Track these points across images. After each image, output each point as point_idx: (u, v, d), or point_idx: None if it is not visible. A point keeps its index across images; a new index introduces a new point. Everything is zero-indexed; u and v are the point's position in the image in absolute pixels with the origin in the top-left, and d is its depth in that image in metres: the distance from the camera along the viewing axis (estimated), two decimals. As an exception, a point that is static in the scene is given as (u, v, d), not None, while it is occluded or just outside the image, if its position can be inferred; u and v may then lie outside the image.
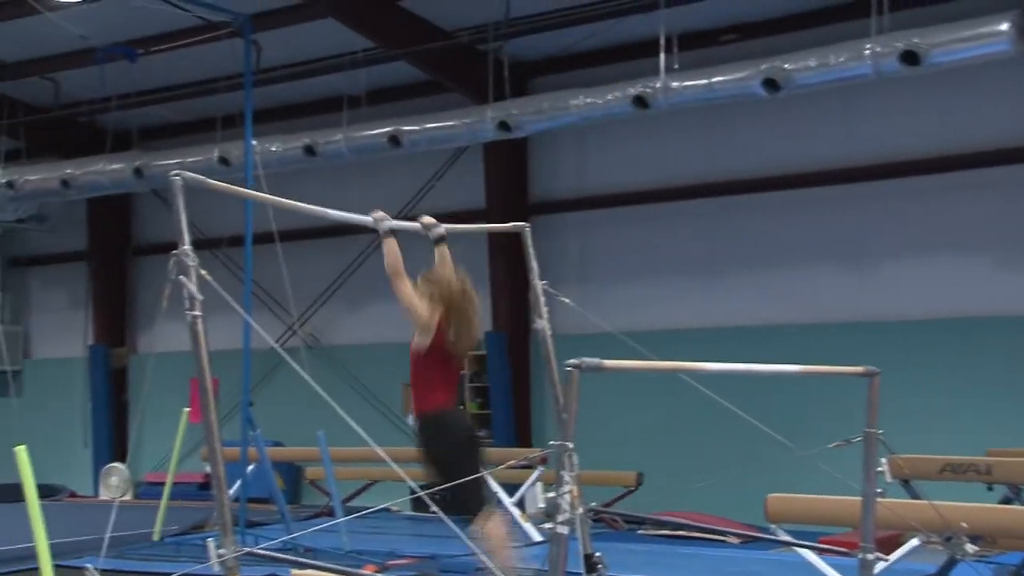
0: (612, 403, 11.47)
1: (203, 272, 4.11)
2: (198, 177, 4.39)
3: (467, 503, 5.66)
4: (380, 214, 5.35)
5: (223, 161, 12.95)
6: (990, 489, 7.60)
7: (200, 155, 13.26)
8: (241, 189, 5.64)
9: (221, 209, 12.39)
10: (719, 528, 8.76)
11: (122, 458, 15.26)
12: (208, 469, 11.70)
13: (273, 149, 12.77)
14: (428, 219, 5.62)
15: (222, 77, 12.66)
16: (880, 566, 5.42)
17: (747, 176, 11.77)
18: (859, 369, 5.20)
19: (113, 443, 15.58)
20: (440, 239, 5.78)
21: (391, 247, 5.41)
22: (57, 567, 6.38)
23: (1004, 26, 9.07)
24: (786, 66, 10.03)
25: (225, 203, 12.18)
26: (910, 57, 9.40)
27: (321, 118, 13.35)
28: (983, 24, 9.22)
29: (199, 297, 4.07)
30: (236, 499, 9.16)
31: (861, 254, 11.27)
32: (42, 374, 16.52)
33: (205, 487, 13.44)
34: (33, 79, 14.13)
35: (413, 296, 5.50)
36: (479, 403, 13.14)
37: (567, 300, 6.25)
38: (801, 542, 6.53)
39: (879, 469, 5.30)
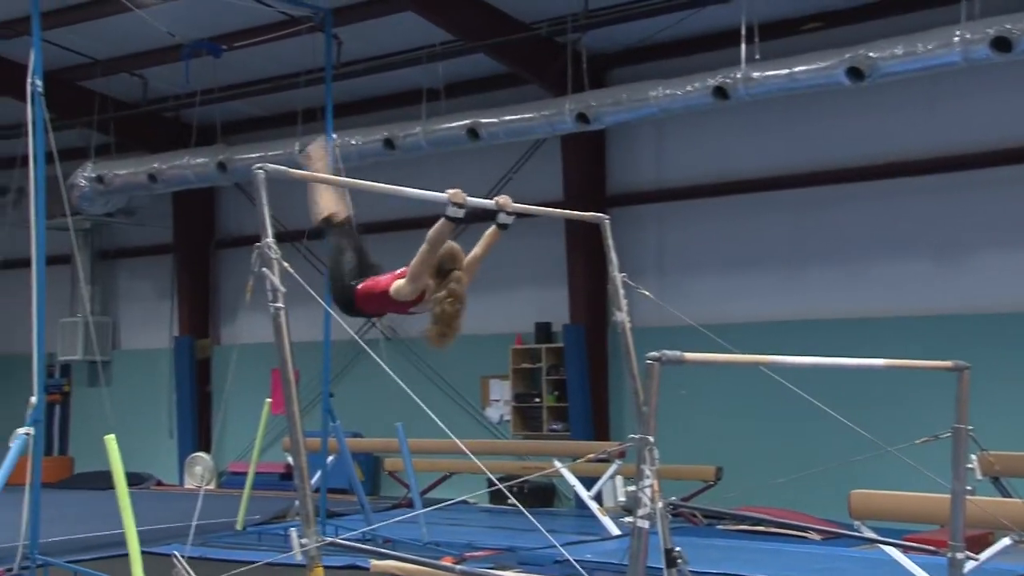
0: (692, 396, 11.37)
1: (285, 264, 4.15)
2: (280, 168, 4.44)
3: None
4: (457, 192, 5.18)
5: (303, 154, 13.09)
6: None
7: (281, 149, 13.43)
8: (324, 175, 5.71)
9: (302, 202, 12.54)
10: (801, 524, 8.62)
11: (206, 448, 15.57)
12: (290, 459, 11.89)
13: (353, 142, 12.89)
14: (505, 200, 5.47)
15: (303, 71, 12.80)
16: (970, 565, 5.29)
17: (829, 166, 11.57)
18: (948, 364, 5.07)
19: (197, 433, 15.87)
20: (503, 225, 5.61)
21: (445, 226, 5.29)
22: (145, 554, 6.52)
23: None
24: (871, 54, 9.82)
25: (306, 195, 12.37)
26: (1001, 44, 9.15)
27: (400, 111, 13.44)
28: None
29: (282, 289, 4.11)
30: (317, 489, 9.27)
31: (948, 245, 11.00)
32: (130, 364, 16.91)
33: (287, 477, 13.66)
34: (122, 76, 14.45)
35: (420, 270, 5.38)
36: (556, 396, 13.13)
37: (646, 292, 6.19)
38: (886, 539, 6.40)
39: (969, 466, 5.16)
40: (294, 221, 13.53)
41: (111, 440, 6.42)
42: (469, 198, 5.13)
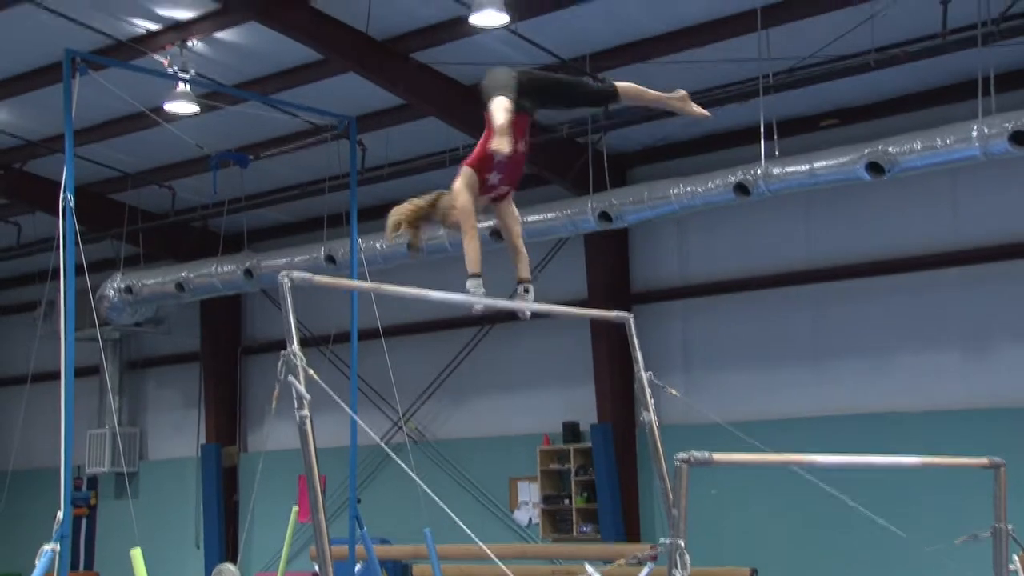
0: (722, 495, 11.20)
1: (311, 371, 4.17)
2: (305, 275, 4.48)
3: None
4: (477, 289, 5.39)
5: (330, 259, 13.24)
6: None
7: (307, 254, 13.57)
8: (346, 281, 5.76)
9: (327, 305, 12.64)
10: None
11: (233, 558, 15.40)
12: (317, 568, 11.72)
13: (377, 246, 13.00)
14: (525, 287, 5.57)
15: (328, 178, 13.01)
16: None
17: (853, 260, 11.56)
18: (983, 460, 4.99)
19: (224, 543, 15.73)
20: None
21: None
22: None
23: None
24: (890, 149, 9.89)
25: (331, 300, 12.46)
26: (1020, 137, 9.20)
27: (424, 214, 13.56)
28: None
29: (307, 397, 4.12)
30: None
31: (976, 338, 10.90)
32: (157, 475, 16.85)
33: (315, 585, 13.48)
34: (152, 187, 14.73)
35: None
36: (585, 496, 12.95)
37: (674, 391, 6.17)
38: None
39: (1012, 567, 5.03)
40: (320, 326, 13.65)
41: (137, 554, 6.38)
42: (487, 299, 5.39)
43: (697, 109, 5.95)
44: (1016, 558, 5.11)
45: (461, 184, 5.53)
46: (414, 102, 11.77)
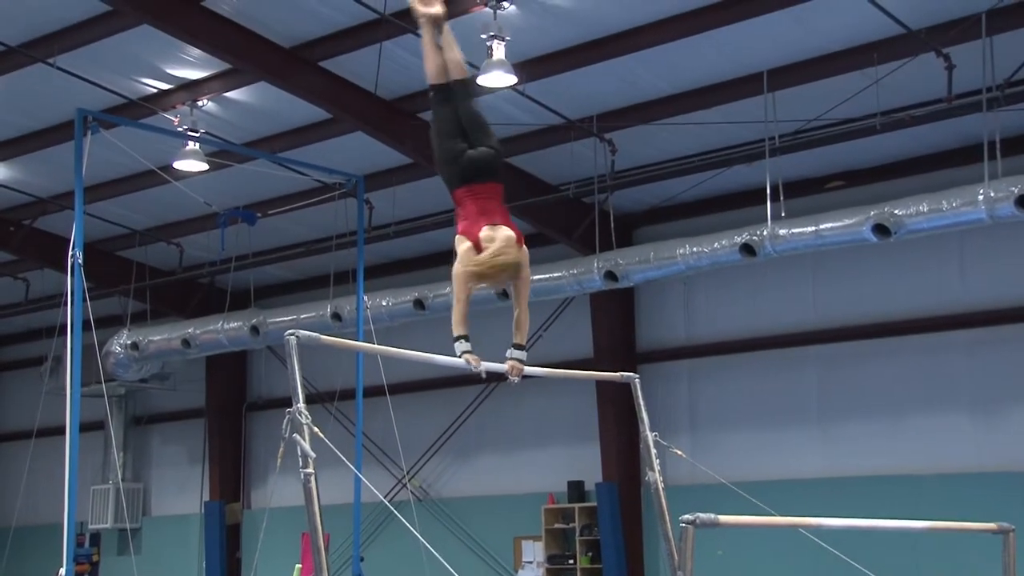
0: (729, 556, 11.10)
1: (316, 429, 4.17)
2: (311, 334, 4.50)
3: None
4: (473, 359, 5.45)
5: (336, 317, 13.27)
6: None
7: (313, 311, 13.60)
8: (352, 342, 5.76)
9: (333, 363, 12.64)
10: None
11: (236, 616, 15.25)
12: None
13: (383, 304, 13.04)
14: (514, 366, 5.61)
15: (335, 236, 13.08)
16: None
17: (860, 321, 11.55)
18: (992, 526, 4.96)
19: (228, 601, 15.58)
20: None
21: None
22: None
23: None
24: (897, 212, 9.94)
25: (337, 357, 12.43)
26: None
27: (430, 272, 13.64)
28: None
29: (312, 455, 4.12)
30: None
31: (984, 401, 10.85)
32: (160, 531, 16.74)
33: (315, 645, 13.30)
34: (159, 244, 14.81)
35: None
36: (590, 556, 12.83)
37: (679, 452, 6.15)
38: None
39: (1019, 632, 4.97)
40: (325, 382, 13.64)
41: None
42: (484, 364, 5.45)
43: None
44: (1025, 624, 5.06)
45: (458, 252, 5.64)
46: (421, 161, 11.86)
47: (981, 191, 9.49)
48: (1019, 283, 10.67)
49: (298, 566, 9.89)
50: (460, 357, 5.38)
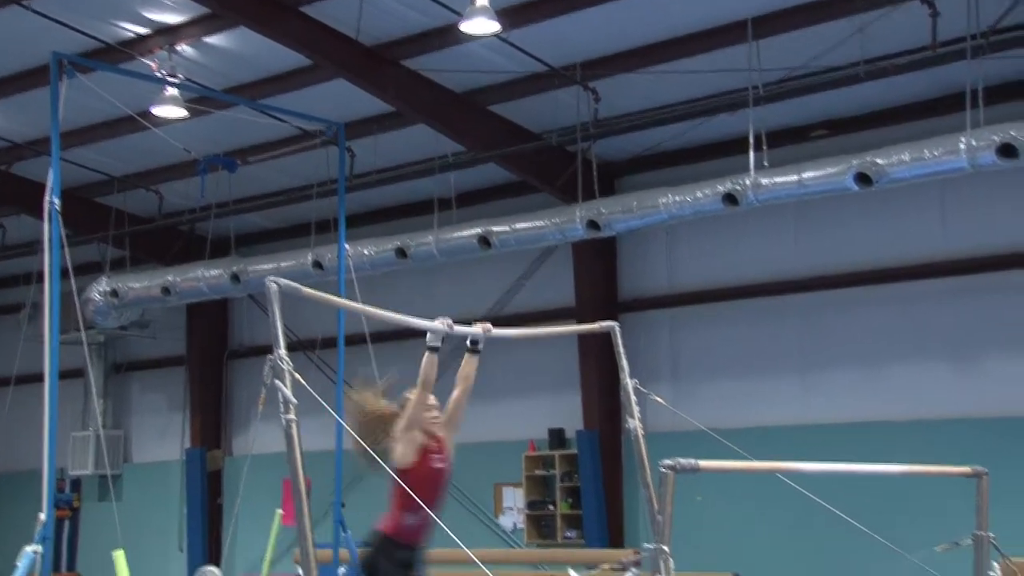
0: (707, 502, 11.22)
1: (297, 376, 4.16)
2: (292, 284, 4.47)
3: None
4: (444, 321, 5.42)
5: (317, 265, 13.22)
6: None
7: (294, 260, 13.55)
8: (333, 297, 5.73)
9: (315, 311, 12.56)
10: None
11: (216, 561, 15.34)
12: (300, 571, 11.68)
13: (365, 252, 13.00)
14: (486, 326, 5.63)
15: (316, 184, 13.00)
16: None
17: (841, 270, 11.60)
18: (966, 469, 5.02)
19: (208, 546, 15.68)
20: (475, 350, 5.77)
21: (431, 362, 5.47)
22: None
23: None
24: (879, 160, 9.93)
25: (319, 305, 12.42)
26: (1008, 150, 9.24)
27: (412, 220, 13.59)
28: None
29: (293, 401, 4.11)
30: (328, 603, 9.10)
31: (962, 348, 10.94)
32: (140, 478, 16.79)
33: (298, 590, 13.43)
34: (138, 191, 14.69)
35: (417, 411, 5.45)
36: (570, 503, 12.96)
37: (659, 399, 6.18)
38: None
39: (991, 573, 5.06)
40: (307, 330, 13.63)
41: (120, 556, 6.36)
42: (456, 326, 5.43)
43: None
44: (996, 565, 5.14)
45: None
46: (403, 109, 11.77)
47: (963, 140, 9.49)
48: (999, 231, 10.72)
49: (279, 512, 9.93)
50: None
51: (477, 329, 5.49)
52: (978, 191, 10.70)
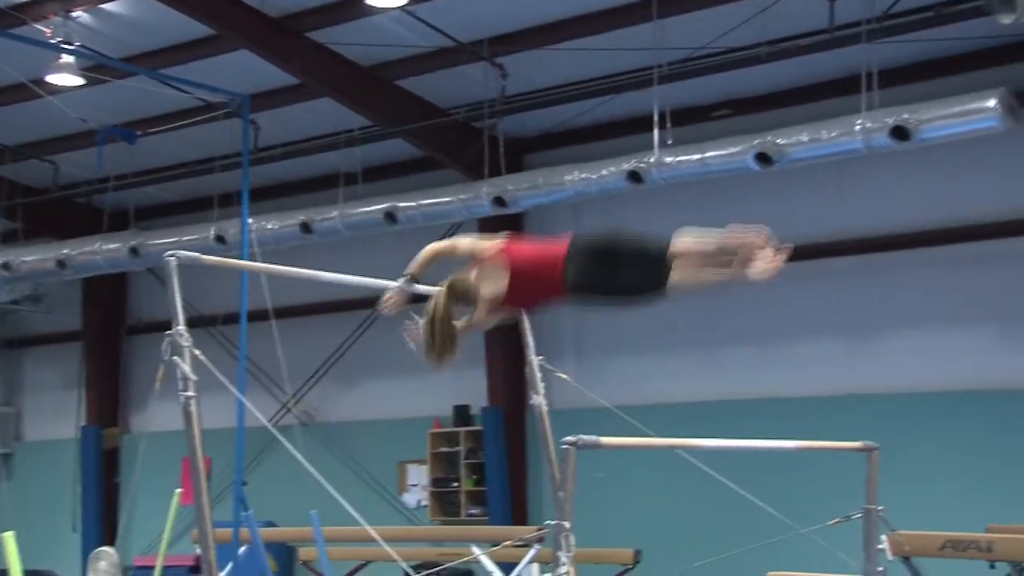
0: (610, 478, 11.37)
1: (197, 352, 4.09)
2: (192, 254, 4.40)
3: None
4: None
5: (219, 239, 12.99)
6: (992, 567, 7.47)
7: (196, 234, 13.30)
8: (234, 261, 5.64)
9: (217, 286, 12.42)
10: (720, 607, 8.61)
11: (112, 542, 15.04)
12: (199, 551, 11.52)
13: (269, 227, 12.82)
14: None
15: (219, 156, 12.76)
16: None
17: (742, 250, 11.77)
18: (857, 444, 5.17)
19: (103, 526, 15.38)
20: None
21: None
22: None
23: (992, 103, 9.18)
24: (778, 141, 10.12)
25: (221, 280, 12.25)
26: (900, 133, 9.50)
27: (317, 195, 13.43)
28: (971, 101, 9.32)
29: (193, 378, 4.05)
30: (229, 581, 9.00)
31: (858, 326, 11.25)
32: (33, 457, 16.36)
33: (196, 570, 13.25)
34: (32, 161, 14.24)
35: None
36: (474, 480, 13.00)
37: (564, 375, 6.23)
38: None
39: (879, 546, 5.23)
40: (209, 305, 13.41)
41: (8, 538, 6.19)
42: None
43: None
44: (885, 538, 5.32)
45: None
46: (309, 82, 11.61)
47: (858, 122, 9.72)
48: (893, 212, 11.02)
49: (178, 490, 9.76)
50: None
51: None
52: (873, 172, 10.99)
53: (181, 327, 4.09)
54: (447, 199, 11.99)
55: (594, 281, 4.38)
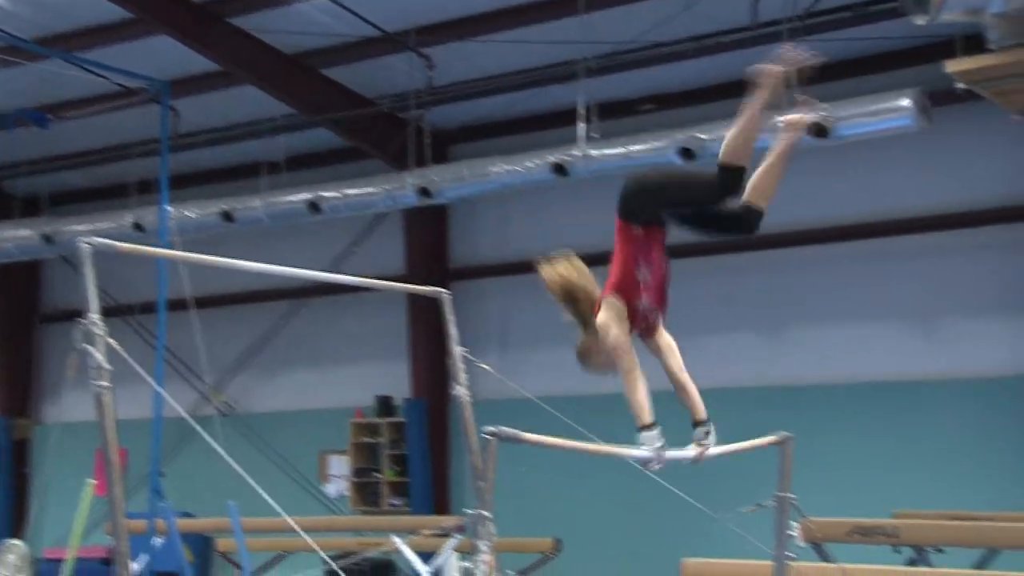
0: (532, 469, 11.39)
1: (111, 341, 4.02)
2: (107, 241, 4.31)
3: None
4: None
5: (137, 227, 12.76)
6: (897, 551, 7.70)
7: (113, 221, 13.06)
8: (152, 248, 5.55)
9: (136, 275, 12.21)
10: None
11: (21, 535, 14.71)
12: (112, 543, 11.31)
13: (189, 215, 12.62)
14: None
15: (138, 142, 12.54)
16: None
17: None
18: (774, 438, 5.28)
19: (12, 518, 15.05)
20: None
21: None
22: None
23: (906, 102, 9.40)
24: (701, 136, 10.24)
25: (140, 269, 12.03)
26: (819, 130, 9.67)
27: (240, 184, 13.27)
28: (887, 100, 9.53)
29: (107, 368, 3.97)
30: (143, 574, 8.88)
31: (771, 319, 11.46)
32: (-59, 447, 15.93)
33: (108, 562, 13.02)
34: (-62, 144, 13.85)
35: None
36: (397, 471, 12.98)
37: (486, 367, 6.24)
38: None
39: (790, 533, 5.35)
40: (125, 294, 13.17)
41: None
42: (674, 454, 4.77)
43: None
44: (796, 525, 5.45)
45: (607, 317, 4.84)
46: (231, 69, 11.45)
47: (778, 119, 9.85)
48: (809, 209, 11.21)
49: (91, 482, 9.58)
50: (650, 451, 4.68)
51: (690, 454, 4.99)
52: (795, 169, 11.14)
53: (94, 315, 4.01)
54: (372, 189, 11.93)
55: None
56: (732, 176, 4.65)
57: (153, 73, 10.35)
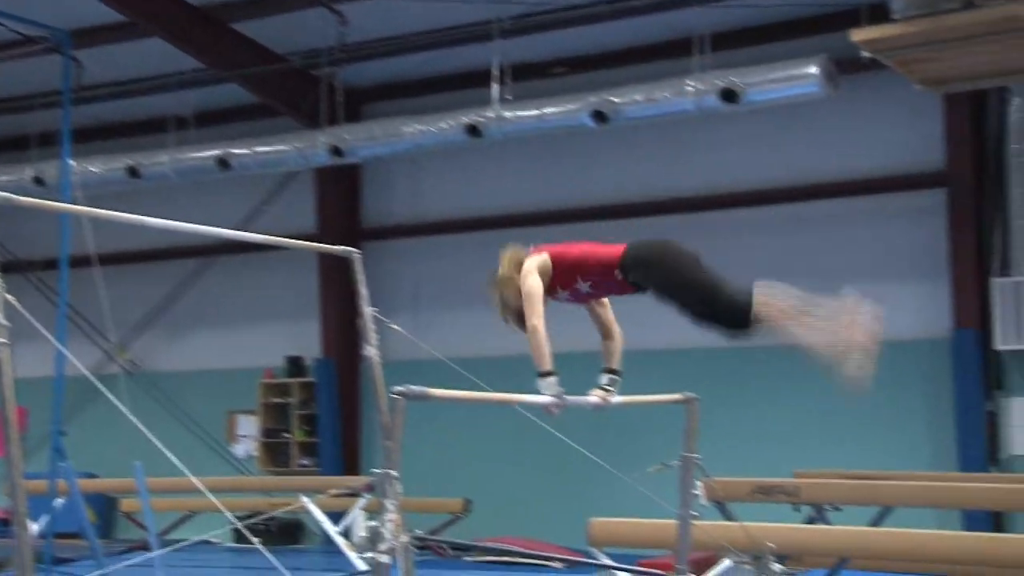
0: (442, 429, 11.47)
1: (9, 297, 3.92)
2: (4, 195, 4.19)
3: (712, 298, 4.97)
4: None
5: (38, 181, 12.42)
6: (797, 509, 7.93)
7: (12, 175, 12.69)
8: (53, 203, 5.40)
9: (38, 231, 11.89)
10: (544, 553, 8.86)
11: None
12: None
13: (94, 170, 12.32)
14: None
15: (39, 94, 12.16)
16: (696, 587, 5.58)
17: (577, 205, 12.00)
18: (678, 396, 5.37)
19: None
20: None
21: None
22: None
23: (813, 69, 9.57)
24: (614, 99, 10.30)
25: (42, 225, 11.71)
26: (729, 95, 9.80)
27: (147, 139, 12.97)
28: (795, 67, 9.69)
29: (4, 324, 3.87)
30: (43, 535, 8.73)
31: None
32: None
33: (7, 523, 12.75)
34: None
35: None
36: (306, 431, 12.93)
37: (396, 327, 6.22)
38: (620, 565, 6.66)
39: (694, 492, 5.47)
40: (27, 250, 12.83)
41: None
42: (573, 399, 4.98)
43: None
44: (700, 484, 5.58)
45: (532, 265, 5.12)
46: (137, 19, 11.15)
47: (689, 83, 9.99)
48: (723, 172, 11.38)
49: (-8, 442, 9.36)
50: (551, 395, 4.85)
51: (593, 399, 5.21)
52: (707, 134, 11.30)
53: (-7, 271, 3.92)
54: (283, 147, 11.77)
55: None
56: (747, 319, 5.05)
57: (54, 22, 10.01)
